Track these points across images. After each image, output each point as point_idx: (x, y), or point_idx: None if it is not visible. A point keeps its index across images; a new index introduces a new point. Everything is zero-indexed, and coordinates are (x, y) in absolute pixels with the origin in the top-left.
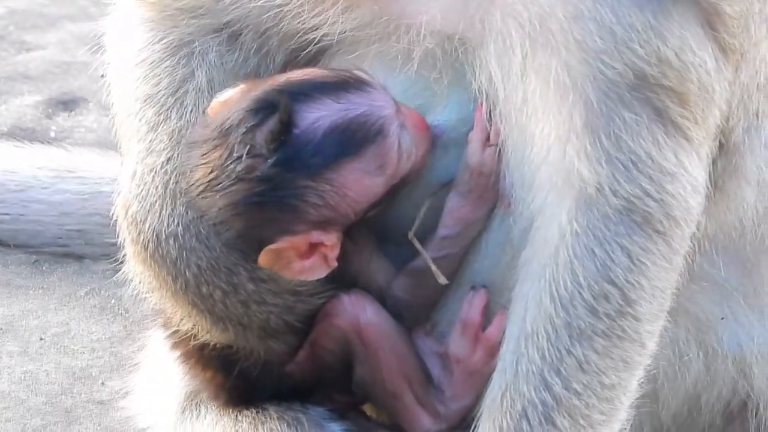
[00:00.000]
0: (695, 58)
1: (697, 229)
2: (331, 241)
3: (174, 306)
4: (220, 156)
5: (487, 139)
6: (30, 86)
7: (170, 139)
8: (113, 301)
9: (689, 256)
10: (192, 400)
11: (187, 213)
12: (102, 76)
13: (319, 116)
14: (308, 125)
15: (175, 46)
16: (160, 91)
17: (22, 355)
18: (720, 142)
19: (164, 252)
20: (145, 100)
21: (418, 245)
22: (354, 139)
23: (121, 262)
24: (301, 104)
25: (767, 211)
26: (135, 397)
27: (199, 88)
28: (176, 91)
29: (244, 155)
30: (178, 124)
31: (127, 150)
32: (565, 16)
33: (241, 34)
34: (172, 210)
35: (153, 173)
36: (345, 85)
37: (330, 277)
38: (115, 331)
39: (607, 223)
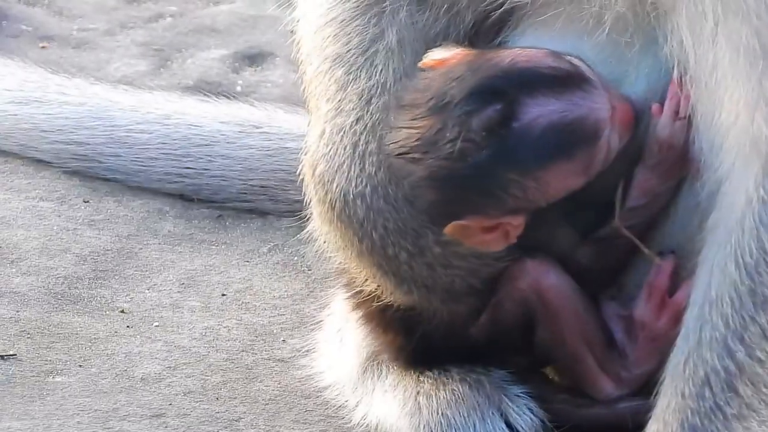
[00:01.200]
0: None
1: None
2: (517, 221)
3: (358, 267)
4: (431, 127)
5: (678, 111)
6: (217, 40)
7: (360, 99)
8: (296, 258)
9: None
10: (374, 360)
11: (376, 174)
12: (291, 31)
13: (540, 113)
14: (528, 121)
15: (366, 5)
16: (350, 50)
17: (203, 310)
18: None
19: (351, 212)
20: (335, 59)
21: (625, 231)
22: (569, 142)
23: (305, 219)
24: (525, 97)
25: None
26: (316, 356)
27: (390, 48)
28: (366, 51)
29: (459, 138)
30: (367, 84)
31: (315, 109)
32: None
33: None
34: (361, 171)
35: (342, 133)
36: (568, 81)
37: (516, 244)
38: (297, 288)
39: None
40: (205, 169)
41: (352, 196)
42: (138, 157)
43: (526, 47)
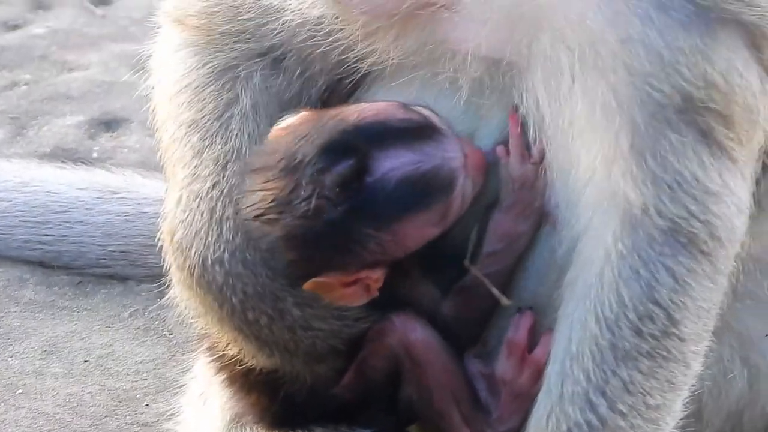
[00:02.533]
0: (742, 81)
1: (741, 248)
2: (376, 275)
3: (220, 331)
4: (284, 187)
5: (527, 153)
6: (72, 106)
7: (215, 165)
8: (157, 322)
9: (733, 275)
10: (236, 422)
11: (233, 239)
12: (146, 96)
13: (392, 166)
14: (381, 175)
15: (219, 71)
16: (205, 116)
17: (66, 376)
18: (763, 162)
19: (210, 278)
20: (190, 126)
21: (477, 272)
22: (425, 194)
23: (166, 284)
24: (377, 151)
25: None
26: (180, 420)
27: (244, 113)
28: (221, 116)
29: (313, 196)
30: (223, 149)
31: (172, 175)
32: (614, 39)
33: (284, 58)
34: (218, 236)
35: (198, 199)
36: (419, 132)
37: (376, 301)
38: (159, 352)
39: (652, 243)
40: (64, 236)
41: (210, 261)
42: None
43: (374, 101)
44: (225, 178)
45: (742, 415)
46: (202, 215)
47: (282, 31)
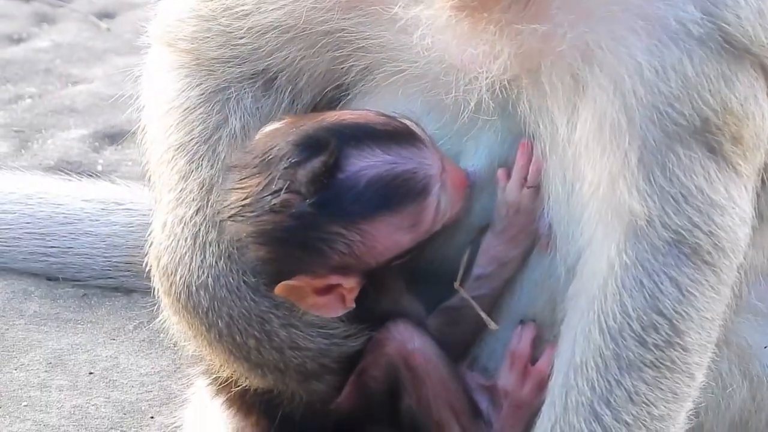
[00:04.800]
0: (757, 108)
1: (744, 259)
2: (349, 284)
3: (211, 355)
4: (258, 184)
5: (525, 179)
6: (76, 120)
7: (200, 189)
8: (162, 335)
9: (735, 286)
10: None
11: (217, 264)
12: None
13: (365, 165)
14: (353, 172)
15: (210, 92)
16: (192, 138)
17: (71, 389)
18: (762, 178)
19: (196, 303)
20: (177, 148)
21: (465, 295)
22: (396, 195)
23: None
24: (350, 149)
25: None
26: None
27: (233, 135)
28: (209, 139)
29: (283, 189)
30: (209, 173)
31: (158, 199)
32: (649, 65)
33: (276, 78)
34: (202, 261)
35: (182, 225)
36: (397, 136)
37: (362, 317)
38: (164, 365)
39: (656, 254)
40: (69, 248)
41: (194, 287)
42: (1, 237)
43: (356, 109)
44: (209, 203)
45: (747, 425)
46: (186, 240)
47: (279, 56)
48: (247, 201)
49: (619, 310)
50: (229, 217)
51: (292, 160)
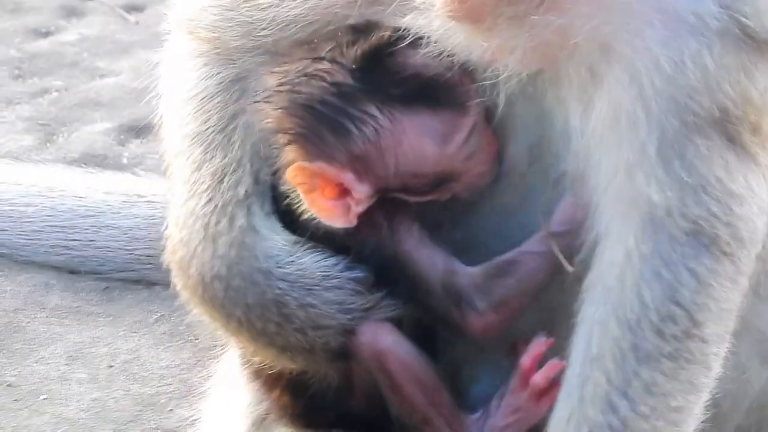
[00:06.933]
0: None
1: (763, 248)
2: (360, 193)
3: (238, 344)
4: (302, 60)
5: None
6: (102, 113)
7: (213, 179)
8: (183, 327)
9: (753, 276)
10: (260, 427)
11: (228, 253)
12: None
13: (418, 61)
14: (404, 61)
15: (229, 81)
16: (209, 128)
17: (91, 382)
18: None
19: (212, 295)
20: (193, 138)
21: (540, 216)
22: (438, 95)
23: None
24: (407, 48)
25: None
26: (203, 426)
27: (249, 123)
28: (225, 128)
29: (328, 59)
30: (222, 163)
31: (174, 192)
32: (667, 58)
33: None
34: (213, 252)
35: (194, 217)
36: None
37: (379, 281)
38: (184, 358)
39: (674, 245)
40: (91, 241)
41: (209, 278)
42: (23, 230)
43: None
44: (220, 192)
45: (764, 410)
46: (197, 232)
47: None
48: (285, 79)
49: (637, 301)
50: (258, 102)
51: (346, 39)
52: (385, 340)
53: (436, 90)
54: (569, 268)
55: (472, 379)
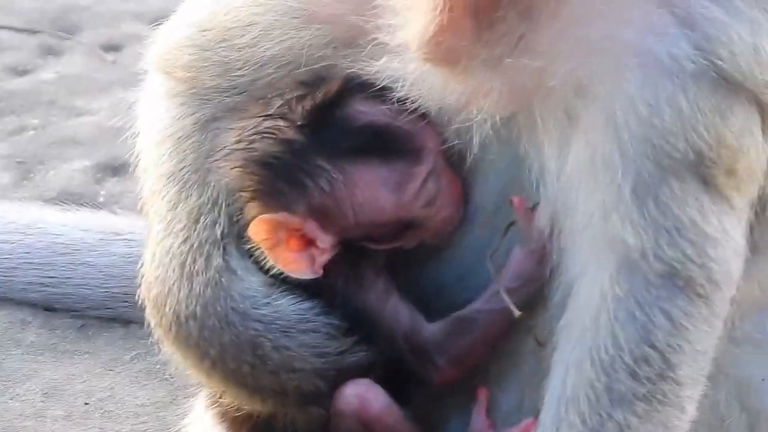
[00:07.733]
0: (752, 141)
1: (737, 291)
2: (324, 242)
3: (210, 384)
4: (256, 118)
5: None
6: (80, 151)
7: (188, 218)
8: (159, 366)
9: (729, 319)
10: None
11: (204, 293)
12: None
13: (367, 110)
14: (352, 113)
15: (205, 121)
16: (184, 167)
17: (66, 419)
18: (756, 211)
19: (186, 334)
20: (169, 177)
21: (491, 267)
22: (388, 145)
23: None
24: (355, 96)
25: None
26: None
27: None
28: (201, 167)
29: (277, 116)
30: (198, 202)
31: (149, 230)
32: (643, 101)
33: None
34: (189, 291)
35: (170, 255)
36: (405, 113)
37: (352, 327)
38: (160, 396)
39: (649, 287)
40: (68, 278)
41: (183, 317)
42: (0, 267)
43: None
44: (196, 231)
45: None
46: (174, 271)
47: (278, 87)
48: (241, 136)
49: (611, 342)
50: (219, 159)
51: (294, 94)
52: (375, 404)
53: (387, 140)
54: (517, 313)
55: (443, 420)
